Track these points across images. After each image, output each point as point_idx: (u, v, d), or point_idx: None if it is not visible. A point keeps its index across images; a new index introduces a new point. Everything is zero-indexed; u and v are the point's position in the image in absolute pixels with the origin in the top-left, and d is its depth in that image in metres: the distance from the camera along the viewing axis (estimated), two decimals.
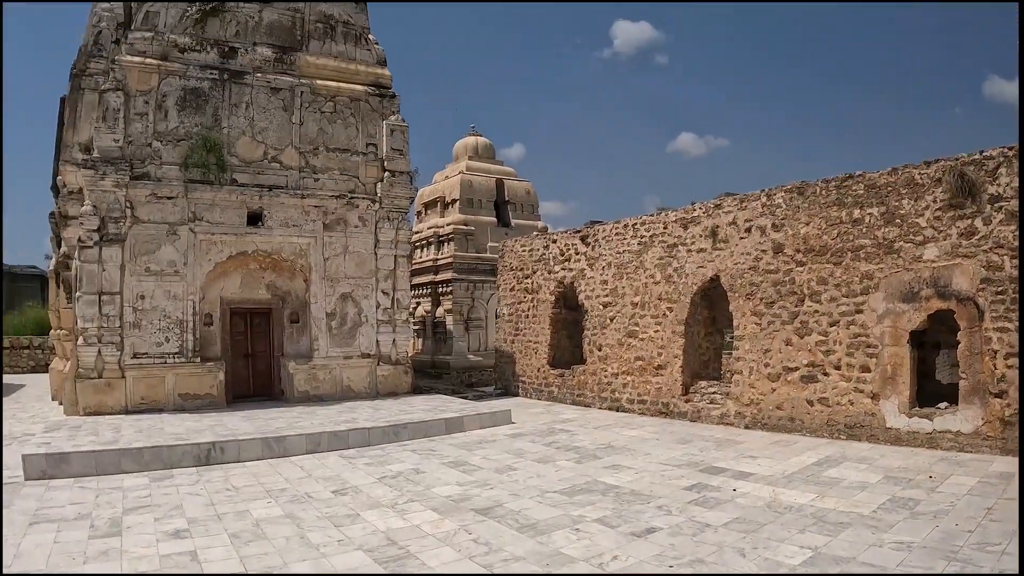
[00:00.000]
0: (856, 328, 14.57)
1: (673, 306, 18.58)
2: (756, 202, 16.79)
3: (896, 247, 13.99)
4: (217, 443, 13.98)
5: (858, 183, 14.75)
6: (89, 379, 18.43)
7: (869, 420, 14.23)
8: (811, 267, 15.45)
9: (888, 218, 14.14)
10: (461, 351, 30.87)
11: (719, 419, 17.18)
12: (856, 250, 14.65)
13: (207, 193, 19.76)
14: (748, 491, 10.67)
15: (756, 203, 16.78)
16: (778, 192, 16.31)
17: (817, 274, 15.32)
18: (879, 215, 14.30)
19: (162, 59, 19.79)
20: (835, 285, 14.99)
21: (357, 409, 18.73)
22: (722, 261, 17.41)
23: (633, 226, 19.98)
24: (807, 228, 15.59)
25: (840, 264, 14.92)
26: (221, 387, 19.78)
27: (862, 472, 11.65)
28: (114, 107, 19.01)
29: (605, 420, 18.39)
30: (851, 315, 14.67)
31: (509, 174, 35.35)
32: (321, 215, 21.16)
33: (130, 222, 19.01)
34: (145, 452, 13.40)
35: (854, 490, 10.47)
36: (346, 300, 21.46)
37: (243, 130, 20.59)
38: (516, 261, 24.58)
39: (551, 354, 22.85)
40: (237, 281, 20.90)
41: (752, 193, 17.00)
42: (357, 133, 22.10)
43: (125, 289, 18.88)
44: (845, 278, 14.81)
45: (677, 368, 18.38)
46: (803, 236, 15.65)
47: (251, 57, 20.93)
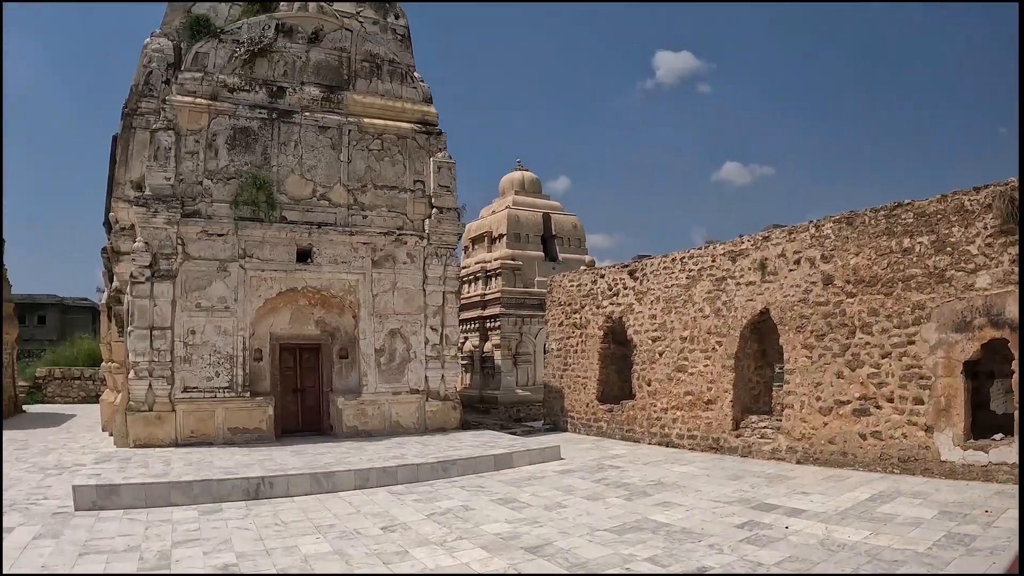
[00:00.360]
0: (908, 359, 14.33)
1: (722, 340, 18.42)
2: (804, 233, 16.65)
3: (947, 276, 13.77)
4: (266, 478, 14.05)
5: (907, 211, 14.57)
6: (140, 412, 18.67)
7: (923, 453, 13.96)
8: (861, 298, 15.26)
9: (938, 246, 13.94)
10: (509, 386, 30.82)
11: (770, 454, 16.96)
12: (907, 280, 14.45)
13: (257, 230, 20.02)
14: (801, 528, 10.49)
15: (804, 234, 16.64)
16: (826, 223, 16.16)
17: (868, 305, 15.12)
18: (929, 243, 14.10)
19: (212, 99, 20.21)
20: (886, 316, 14.77)
21: (406, 445, 18.74)
22: (771, 294, 17.26)
23: (681, 260, 19.89)
24: (857, 259, 15.41)
25: (891, 294, 14.71)
26: (270, 421, 19.91)
27: (916, 507, 11.41)
28: (165, 146, 19.43)
29: (655, 456, 18.23)
30: (903, 346, 14.44)
31: (556, 208, 35.40)
32: (370, 252, 21.30)
33: (181, 258, 19.32)
34: (195, 485, 13.51)
35: (908, 526, 10.25)
36: (395, 336, 21.54)
37: (292, 168, 20.86)
38: (564, 296, 24.55)
39: (600, 389, 22.74)
40: (287, 317, 21.11)
41: (800, 224, 16.88)
42: (404, 170, 22.27)
43: (176, 324, 19.16)
44: (896, 309, 14.59)
45: (727, 403, 18.20)
46: (853, 267, 15.47)
47: (299, 96, 21.27)
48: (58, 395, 39.68)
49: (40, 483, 15.00)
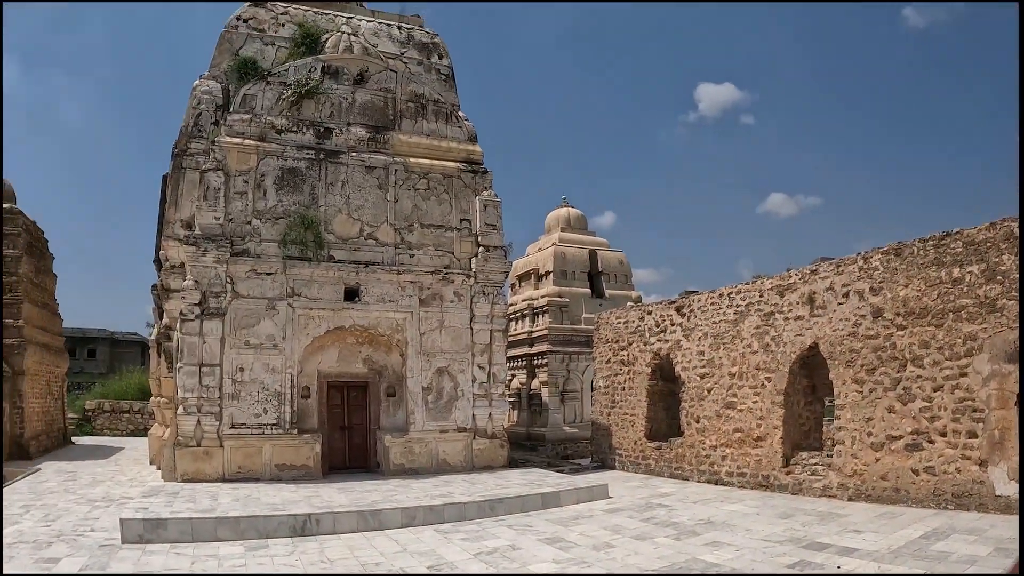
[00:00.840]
0: (961, 392, 14.03)
1: (771, 376, 18.22)
2: (853, 266, 16.48)
3: (999, 305, 13.50)
4: (313, 515, 14.09)
5: (956, 240, 14.35)
6: (188, 447, 18.89)
7: (977, 488, 13.64)
8: (912, 331, 15.03)
9: (989, 275, 13.69)
10: (556, 423, 30.64)
11: (821, 491, 16.69)
12: (958, 310, 14.20)
13: (305, 269, 20.24)
14: (853, 568, 10.30)
15: (853, 267, 16.47)
16: (875, 254, 15.99)
17: (919, 337, 14.88)
18: (979, 272, 13.86)
19: (260, 140, 20.59)
20: (937, 348, 14.51)
21: (453, 483, 18.69)
22: (820, 328, 17.07)
23: (728, 295, 19.76)
24: (906, 290, 15.20)
25: (942, 326, 14.47)
26: (317, 459, 19.96)
27: (971, 545, 11.15)
28: (215, 186, 19.82)
29: (704, 494, 18.02)
30: (955, 379, 14.15)
31: (602, 245, 35.32)
32: (417, 290, 21.41)
33: (230, 297, 19.61)
34: (241, 521, 13.63)
35: (963, 564, 10.02)
36: (442, 374, 21.56)
37: (339, 208, 21.09)
38: (611, 333, 24.46)
39: (648, 426, 22.55)
40: (334, 355, 21.23)
41: (848, 257, 16.71)
42: (451, 209, 22.40)
43: (225, 361, 19.41)
44: (948, 340, 14.34)
45: (777, 439, 17.97)
46: (902, 299, 15.26)
47: (346, 137, 21.56)
48: (107, 427, 40.27)
49: (88, 515, 15.19)
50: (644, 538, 13.06)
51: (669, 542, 12.67)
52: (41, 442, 28.95)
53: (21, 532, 13.26)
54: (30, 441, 27.43)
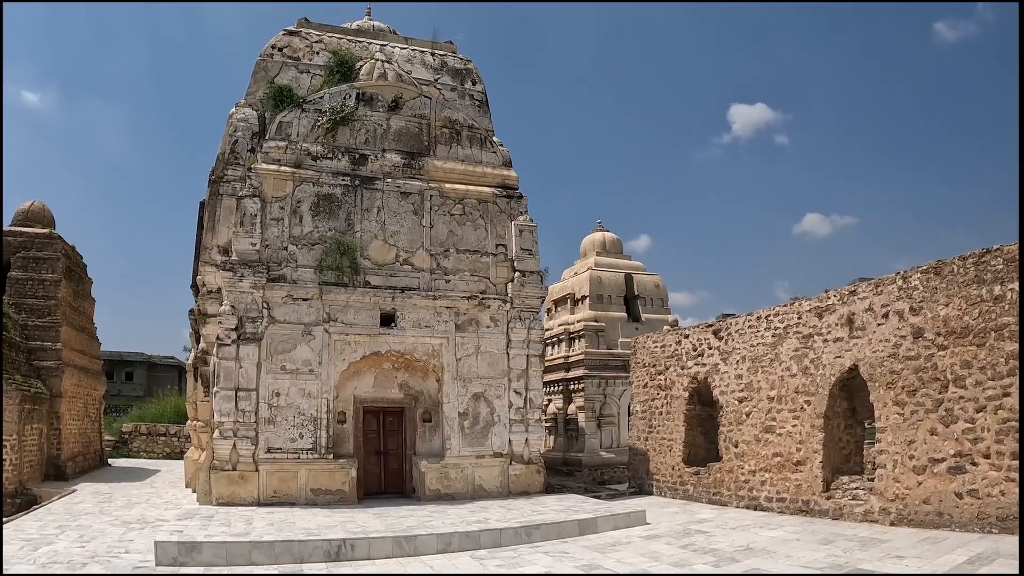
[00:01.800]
0: (1005, 412, 13.74)
1: (811, 399, 17.99)
2: (892, 286, 16.28)
3: None
4: (347, 540, 14.05)
5: (996, 257, 14.13)
6: (223, 471, 18.95)
7: None
8: (953, 350, 14.78)
9: None
10: (593, 448, 30.43)
11: (863, 516, 16.40)
12: (1000, 329, 13.94)
13: (341, 295, 20.31)
14: None
15: (892, 287, 16.27)
16: (914, 274, 15.78)
17: (960, 357, 14.62)
18: None
19: (296, 167, 20.77)
20: (980, 368, 14.25)
21: (489, 509, 18.58)
22: (860, 349, 16.85)
23: (766, 318, 19.58)
24: (946, 309, 14.97)
25: (984, 345, 14.21)
26: (353, 484, 19.91)
27: (1017, 570, 10.88)
28: (251, 212, 19.97)
29: (743, 520, 17.78)
30: (998, 399, 13.86)
31: (638, 268, 35.18)
32: (453, 316, 21.41)
33: (267, 322, 19.71)
34: (276, 545, 13.61)
35: None
36: (478, 400, 21.49)
37: (375, 234, 21.17)
38: (648, 357, 24.30)
39: (686, 451, 22.32)
40: (370, 380, 21.26)
41: (887, 276, 16.52)
42: (486, 234, 22.40)
43: (261, 386, 19.48)
44: (990, 360, 14.07)
45: (817, 464, 17.71)
46: (943, 318, 15.02)
47: (381, 163, 21.69)
48: (143, 450, 40.64)
49: (123, 537, 15.30)
50: (682, 565, 12.89)
51: (708, 570, 12.49)
52: (78, 463, 29.34)
53: (56, 552, 13.39)
54: (67, 462, 27.81)
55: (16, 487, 22.21)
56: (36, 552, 13.40)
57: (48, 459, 26.85)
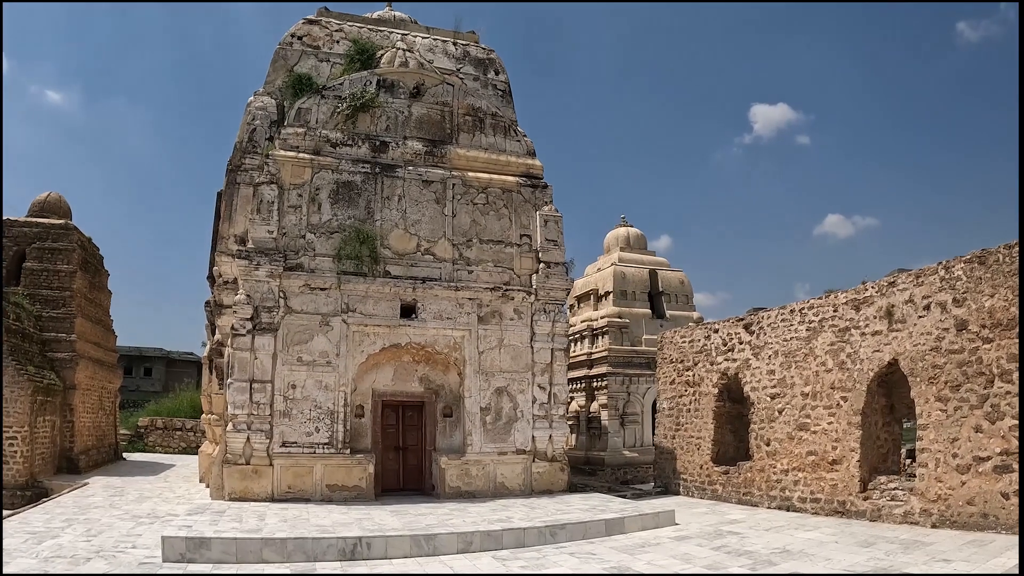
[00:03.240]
0: None
1: (847, 395, 17.27)
2: (933, 276, 15.57)
3: None
4: (363, 538, 13.49)
5: None
6: (236, 465, 18.45)
7: None
8: (999, 343, 14.04)
9: None
10: (616, 447, 29.76)
11: (902, 518, 15.67)
12: None
13: (360, 285, 19.79)
14: None
15: (933, 277, 15.56)
16: (956, 264, 15.07)
17: (1007, 350, 13.88)
18: None
19: (315, 153, 20.31)
20: None
21: (511, 507, 17.95)
22: (900, 343, 16.13)
23: (800, 311, 18.88)
24: (992, 300, 14.24)
25: None
26: (370, 480, 19.36)
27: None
28: (268, 200, 19.50)
29: (776, 521, 17.06)
30: None
31: (662, 264, 34.48)
32: (475, 307, 20.83)
33: (283, 312, 19.23)
34: (288, 543, 13.06)
35: None
36: (501, 394, 20.87)
37: (396, 222, 20.65)
38: (676, 353, 23.62)
39: (714, 450, 21.60)
40: (389, 373, 20.74)
41: (928, 267, 15.82)
42: (510, 224, 21.81)
43: (276, 378, 18.99)
44: None
45: (854, 462, 16.97)
46: (988, 309, 14.29)
47: (402, 151, 21.18)
48: (159, 444, 40.46)
49: (131, 531, 14.89)
50: (717, 568, 12.23)
51: (745, 573, 11.82)
52: (91, 457, 29.05)
53: (60, 546, 12.97)
54: (80, 455, 27.50)
55: (27, 479, 21.88)
56: (40, 546, 12.97)
57: (61, 452, 26.57)
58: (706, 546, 14.14)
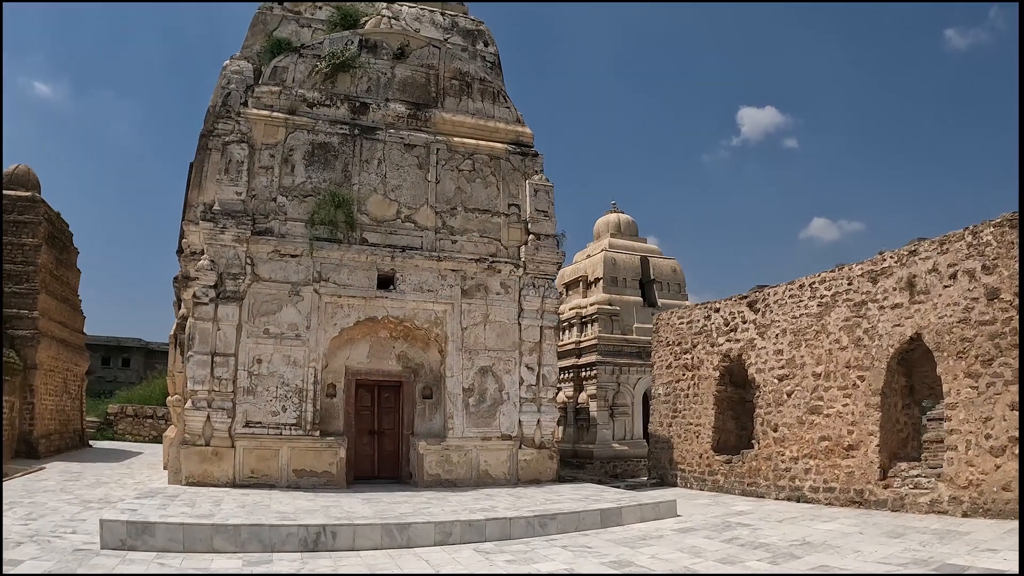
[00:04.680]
0: None
1: (865, 374, 15.78)
2: (960, 243, 14.15)
3: None
4: (328, 526, 11.95)
5: None
6: (195, 446, 17.04)
7: None
8: None
9: None
10: (605, 439, 28.26)
11: (928, 507, 14.18)
12: None
13: (334, 252, 18.41)
14: None
15: (960, 243, 14.14)
16: (985, 228, 13.67)
17: None
18: None
19: (290, 113, 19.12)
20: None
21: (495, 497, 16.39)
22: (923, 316, 14.66)
23: (811, 285, 17.40)
24: None
25: None
26: (341, 465, 17.85)
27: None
28: (238, 159, 18.23)
29: (788, 512, 15.52)
30: None
31: (654, 252, 33.11)
32: (459, 280, 19.37)
33: (250, 279, 17.84)
34: (242, 530, 11.58)
35: None
36: (485, 374, 19.37)
37: (374, 187, 19.30)
38: (673, 335, 22.10)
39: (715, 437, 20.05)
40: (364, 350, 19.28)
41: (954, 233, 14.39)
42: (498, 193, 20.40)
43: (240, 351, 17.56)
44: None
45: (872, 448, 15.46)
46: None
47: (383, 113, 19.91)
48: (129, 432, 39.30)
49: (76, 516, 13.61)
50: (732, 562, 10.68)
51: (765, 567, 10.27)
52: (52, 442, 27.76)
53: None
54: (40, 440, 26.21)
55: None
56: None
57: (20, 435, 25.32)
58: (715, 539, 12.59)
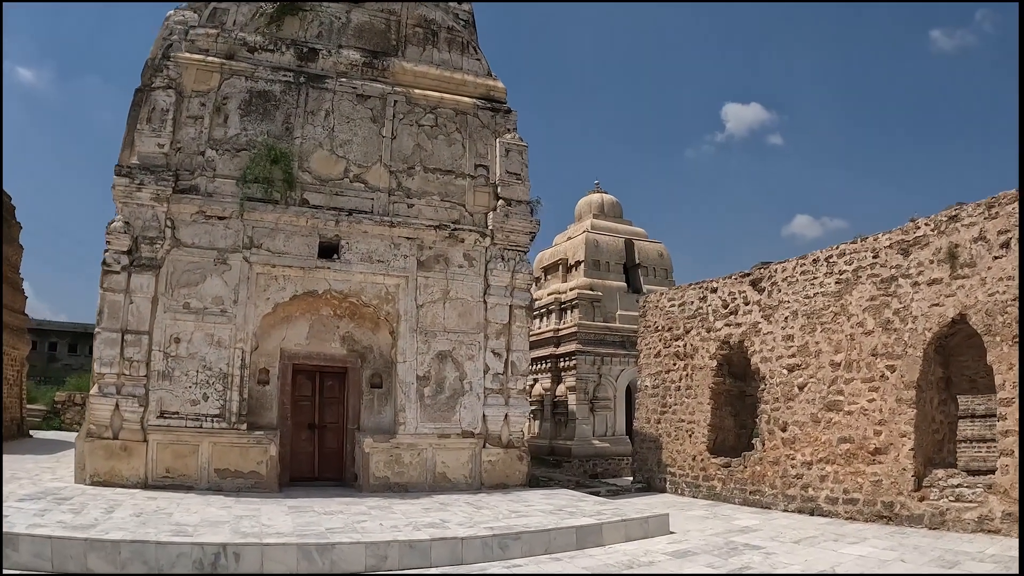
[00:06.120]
0: None
1: (895, 364, 13.21)
2: (1011, 205, 11.80)
3: None
4: (231, 545, 9.54)
5: None
6: (101, 439, 14.53)
7: None
8: None
9: None
10: (585, 436, 25.77)
11: (976, 524, 11.67)
12: None
13: (269, 214, 15.94)
14: None
15: (1012, 206, 11.77)
16: None
17: None
18: None
19: (227, 58, 16.64)
20: None
21: (451, 506, 13.78)
22: (968, 293, 12.21)
23: (827, 260, 14.86)
24: None
25: None
26: (272, 464, 15.24)
27: None
28: (162, 108, 15.81)
29: (803, 528, 12.90)
30: None
31: (639, 235, 30.64)
32: (415, 249, 16.84)
33: (169, 244, 15.41)
34: (123, 547, 9.32)
35: None
36: (444, 360, 16.78)
37: (320, 142, 16.82)
38: (662, 319, 19.49)
39: (712, 437, 17.48)
40: (304, 330, 16.74)
41: (1005, 193, 11.99)
42: (463, 152, 17.88)
43: (156, 328, 15.11)
44: None
45: (905, 452, 12.88)
46: None
47: (335, 60, 17.46)
48: (76, 422, 36.54)
49: None
50: None
51: None
52: None
53: None
54: None
55: None
56: None
57: None
58: (722, 568, 9.94)
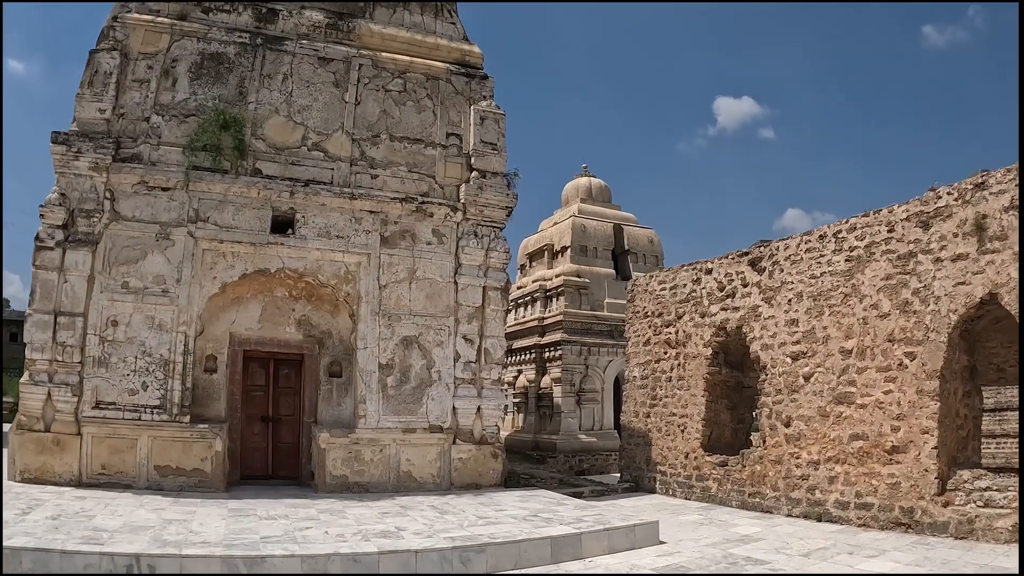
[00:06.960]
0: None
1: (915, 350, 11.74)
2: None
3: None
4: (145, 556, 8.28)
5: None
6: (32, 432, 13.34)
7: None
8: None
9: None
10: (570, 430, 24.46)
11: (1010, 533, 10.21)
12: None
13: (217, 185, 14.74)
14: None
15: None
16: None
17: None
18: None
19: (179, 19, 15.53)
20: None
21: (413, 510, 12.29)
22: (999, 269, 10.81)
23: (835, 235, 13.41)
24: None
25: None
26: (218, 461, 13.89)
27: None
28: (105, 71, 14.54)
29: (810, 537, 11.41)
30: None
31: (629, 220, 29.39)
32: (378, 224, 15.51)
33: (108, 218, 14.20)
34: (23, 556, 8.21)
35: None
36: (410, 347, 15.39)
37: (276, 107, 15.63)
38: (652, 304, 18.01)
39: (706, 433, 16.01)
40: (256, 312, 15.43)
41: None
42: (434, 120, 16.57)
43: (92, 310, 13.89)
44: None
45: (927, 450, 11.40)
46: None
47: (296, 21, 16.33)
48: None
49: None
50: None
51: None
52: None
53: None
54: None
55: None
56: None
57: None
58: None
